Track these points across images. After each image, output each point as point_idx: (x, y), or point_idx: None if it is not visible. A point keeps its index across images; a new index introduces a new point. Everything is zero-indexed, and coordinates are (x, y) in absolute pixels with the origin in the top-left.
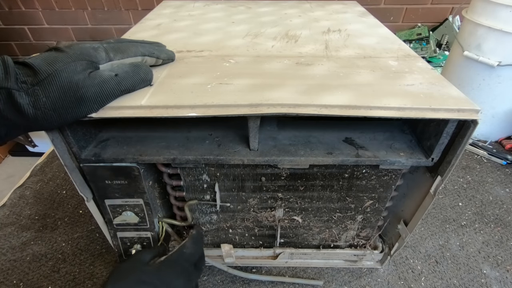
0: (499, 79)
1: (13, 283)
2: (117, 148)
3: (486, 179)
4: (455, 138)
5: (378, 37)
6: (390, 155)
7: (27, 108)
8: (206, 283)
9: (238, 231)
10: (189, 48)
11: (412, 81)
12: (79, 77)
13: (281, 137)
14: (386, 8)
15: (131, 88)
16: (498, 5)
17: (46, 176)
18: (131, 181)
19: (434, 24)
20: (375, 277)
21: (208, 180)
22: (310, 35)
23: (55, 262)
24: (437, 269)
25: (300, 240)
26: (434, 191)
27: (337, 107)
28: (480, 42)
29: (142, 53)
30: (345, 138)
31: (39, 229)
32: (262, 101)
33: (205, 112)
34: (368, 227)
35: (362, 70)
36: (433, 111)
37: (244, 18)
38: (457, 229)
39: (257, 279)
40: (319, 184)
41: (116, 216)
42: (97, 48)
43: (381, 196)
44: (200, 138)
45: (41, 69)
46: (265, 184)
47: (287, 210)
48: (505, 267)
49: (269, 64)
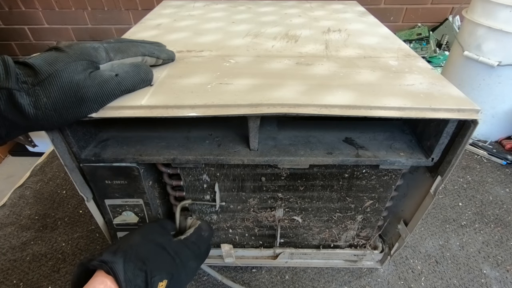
0: (499, 79)
1: (13, 283)
2: (117, 148)
3: (486, 179)
4: (455, 138)
5: (378, 37)
6: (390, 155)
7: (27, 108)
8: (206, 283)
9: (238, 231)
10: (189, 48)
11: (412, 81)
12: (80, 77)
13: (281, 137)
14: (386, 8)
15: (131, 88)
16: (498, 5)
17: (46, 176)
18: (131, 181)
19: (434, 24)
20: (375, 277)
21: (208, 180)
22: (310, 35)
23: (55, 262)
24: (437, 269)
25: (300, 240)
26: (434, 191)
27: (337, 107)
28: (480, 42)
29: (143, 53)
30: (345, 138)
31: (39, 229)
32: (262, 101)
33: (205, 112)
34: (368, 227)
35: (362, 70)
36: (433, 111)
37: (244, 18)
38: (457, 229)
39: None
40: (319, 184)
41: (116, 216)
42: (97, 48)
43: (381, 196)
44: (200, 138)
45: (41, 69)
46: (265, 184)
47: (287, 210)
48: (505, 267)
49: (269, 64)
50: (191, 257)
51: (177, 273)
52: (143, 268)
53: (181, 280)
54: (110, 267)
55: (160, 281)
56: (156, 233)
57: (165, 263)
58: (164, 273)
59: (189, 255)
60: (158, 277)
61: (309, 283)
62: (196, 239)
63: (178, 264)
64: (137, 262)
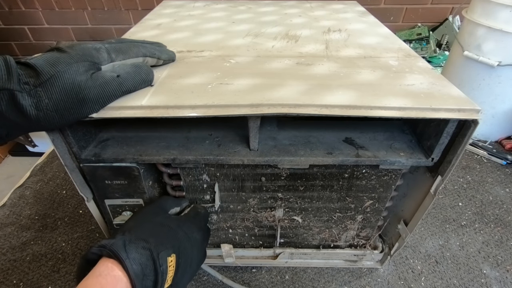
0: (499, 79)
1: (13, 283)
2: (117, 148)
3: (486, 179)
4: (455, 138)
5: (379, 37)
6: (390, 155)
7: (29, 109)
8: (206, 283)
9: (238, 231)
10: (189, 48)
11: (412, 81)
12: (82, 79)
13: (281, 137)
14: (386, 8)
15: (132, 88)
16: (498, 5)
17: (46, 176)
18: (131, 181)
19: (434, 24)
20: (375, 277)
21: (208, 180)
22: (310, 35)
23: (55, 262)
24: (437, 269)
25: (300, 240)
26: (434, 191)
27: (337, 107)
28: (480, 42)
29: (144, 54)
30: (345, 138)
31: (39, 229)
32: (263, 101)
33: (205, 112)
34: (368, 227)
35: (362, 70)
36: (433, 111)
37: (244, 18)
38: (457, 229)
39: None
40: (319, 184)
41: (116, 216)
42: (99, 49)
43: (381, 196)
44: (200, 138)
45: (43, 70)
46: (265, 184)
47: (287, 210)
48: (505, 267)
49: (269, 64)
50: (194, 229)
51: (183, 246)
52: (147, 247)
53: (188, 254)
54: (110, 249)
55: (168, 256)
56: (152, 214)
57: (169, 238)
58: (170, 246)
59: (191, 226)
60: (164, 252)
61: (309, 283)
62: (195, 215)
63: (183, 236)
64: (139, 242)
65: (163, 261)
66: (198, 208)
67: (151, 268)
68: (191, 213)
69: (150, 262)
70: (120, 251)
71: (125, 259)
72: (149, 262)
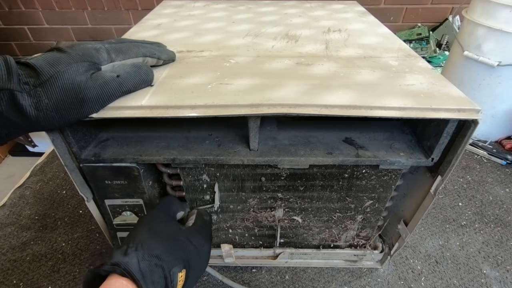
0: (499, 79)
1: (13, 283)
2: (117, 148)
3: (486, 179)
4: (455, 138)
5: (378, 37)
6: (390, 155)
7: (29, 109)
8: (206, 283)
9: (238, 231)
10: (189, 48)
11: (412, 81)
12: (82, 79)
13: (281, 137)
14: (386, 8)
15: (132, 89)
16: (498, 5)
17: (46, 176)
18: (131, 181)
19: (434, 24)
20: (375, 277)
21: (208, 180)
22: (310, 35)
23: (55, 262)
24: (437, 269)
25: (300, 240)
26: (434, 191)
27: (337, 107)
28: (480, 42)
29: (144, 54)
30: (345, 138)
31: (39, 229)
32: (263, 101)
33: (205, 112)
34: (368, 227)
35: (362, 70)
36: (433, 111)
37: (244, 18)
38: (457, 229)
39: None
40: (319, 184)
41: (116, 216)
42: (99, 49)
43: (381, 196)
44: (200, 138)
45: (43, 70)
46: (265, 184)
47: (287, 210)
48: (505, 267)
49: (269, 64)
50: (203, 241)
51: (193, 260)
52: (159, 264)
53: (197, 266)
54: (125, 269)
55: (179, 271)
56: (162, 223)
57: (180, 252)
58: (181, 261)
59: (200, 239)
60: (176, 268)
61: (309, 283)
62: (202, 224)
63: (193, 251)
64: (152, 259)
65: (174, 277)
66: (204, 215)
67: (162, 285)
68: (198, 223)
69: (162, 279)
70: (135, 271)
71: (140, 279)
72: (161, 280)
